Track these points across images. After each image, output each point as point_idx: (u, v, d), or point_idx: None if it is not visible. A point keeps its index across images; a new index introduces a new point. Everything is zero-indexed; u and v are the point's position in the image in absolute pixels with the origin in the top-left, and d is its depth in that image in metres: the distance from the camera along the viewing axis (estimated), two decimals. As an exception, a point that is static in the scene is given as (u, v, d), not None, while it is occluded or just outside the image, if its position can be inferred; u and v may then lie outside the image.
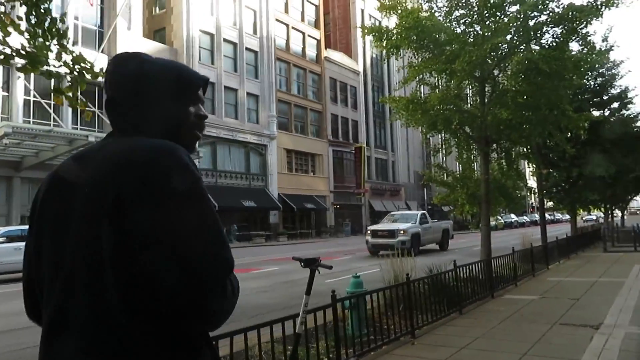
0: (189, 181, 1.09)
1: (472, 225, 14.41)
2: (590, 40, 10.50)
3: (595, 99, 20.84)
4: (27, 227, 1.35)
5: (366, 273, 12.10)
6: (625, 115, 22.25)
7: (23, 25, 4.01)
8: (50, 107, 25.53)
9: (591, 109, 19.25)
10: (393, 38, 11.16)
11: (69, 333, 1.08)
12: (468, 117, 10.67)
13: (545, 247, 13.55)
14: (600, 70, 19.62)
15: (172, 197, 1.06)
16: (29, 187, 25.01)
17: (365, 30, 12.05)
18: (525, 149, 12.60)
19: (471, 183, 11.65)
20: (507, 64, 10.59)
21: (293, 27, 44.51)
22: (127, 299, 1.05)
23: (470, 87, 11.52)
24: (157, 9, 36.44)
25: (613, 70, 20.28)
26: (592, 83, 20.35)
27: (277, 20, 42.22)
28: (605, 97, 20.81)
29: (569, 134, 14.06)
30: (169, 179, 1.06)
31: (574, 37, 10.74)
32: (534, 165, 18.79)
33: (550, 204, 26.35)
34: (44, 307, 1.17)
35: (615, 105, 21.78)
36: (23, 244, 1.26)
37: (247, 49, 38.96)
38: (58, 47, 4.04)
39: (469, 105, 11.22)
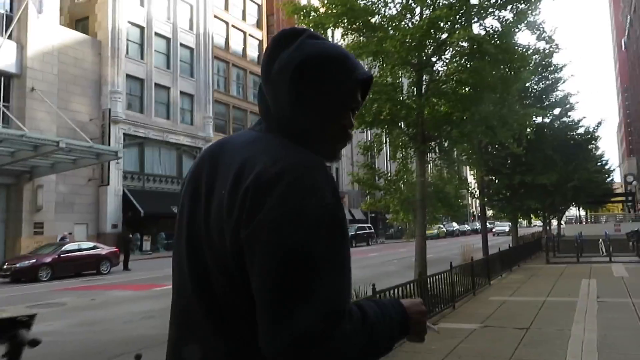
0: (313, 206, 0.97)
1: (406, 234, 12.86)
2: (540, 25, 9.19)
3: (537, 105, 20.09)
4: None
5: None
6: (567, 122, 21.73)
7: None
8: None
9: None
10: (316, 15, 9.49)
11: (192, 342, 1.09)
12: (402, 109, 9.09)
13: (487, 260, 12.20)
14: (543, 74, 18.82)
15: (284, 219, 0.95)
16: None
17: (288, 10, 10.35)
18: (466, 153, 11.20)
19: (406, 186, 10.09)
20: (446, 49, 9.09)
21: (233, 26, 42.40)
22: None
23: (406, 76, 9.98)
24: (81, -4, 33.33)
25: (556, 74, 19.54)
26: (535, 87, 19.56)
27: (215, 17, 39.97)
28: (547, 103, 20.04)
29: (513, 139, 12.88)
30: (289, 200, 0.96)
31: (522, 25, 9.42)
32: (474, 172, 17.68)
33: (491, 212, 25.57)
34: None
35: (557, 111, 21.16)
36: None
37: (181, 45, 36.46)
38: None
39: (404, 96, 9.64)
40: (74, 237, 27.88)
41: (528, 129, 10.03)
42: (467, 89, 9.29)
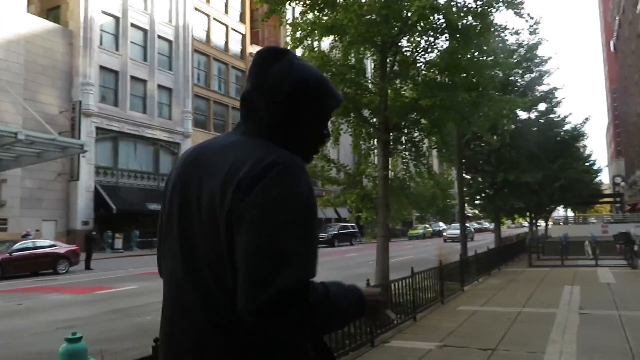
0: (297, 192, 1.10)
1: (367, 235, 11.77)
2: (521, 3, 8.12)
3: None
4: None
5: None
6: (553, 118, 20.71)
7: None
8: None
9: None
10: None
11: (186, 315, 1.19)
12: (363, 93, 7.99)
13: (461, 262, 11.12)
14: (528, 66, 17.82)
15: (273, 199, 1.07)
16: None
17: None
18: (438, 146, 10.09)
19: (369, 181, 9.00)
20: (415, 25, 7.95)
21: (215, 19, 41.05)
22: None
23: (371, 58, 8.88)
24: (52, -16, 31.89)
25: (541, 67, 18.55)
26: (520, 81, 18.56)
27: (196, 9, 38.63)
28: (531, 97, 19.02)
29: (492, 132, 11.83)
30: (278, 184, 1.09)
31: (500, 4, 8.33)
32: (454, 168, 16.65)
33: (475, 211, 24.60)
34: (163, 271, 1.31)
35: (542, 107, 20.09)
36: None
37: (159, 37, 35.12)
38: None
39: (367, 80, 8.53)
40: (42, 234, 26.56)
41: (505, 120, 8.96)
42: (436, 71, 8.21)
